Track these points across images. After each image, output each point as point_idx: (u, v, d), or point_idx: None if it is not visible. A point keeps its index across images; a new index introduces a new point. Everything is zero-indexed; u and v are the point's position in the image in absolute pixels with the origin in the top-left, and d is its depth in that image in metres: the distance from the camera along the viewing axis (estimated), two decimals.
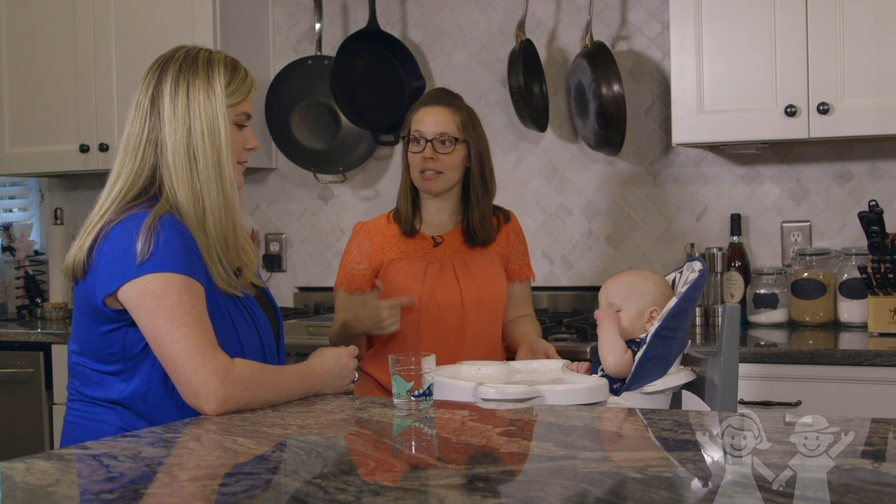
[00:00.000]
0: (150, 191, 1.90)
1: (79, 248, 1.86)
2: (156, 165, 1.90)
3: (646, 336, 2.03)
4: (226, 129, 1.90)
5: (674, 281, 2.18)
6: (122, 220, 1.83)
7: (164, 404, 1.83)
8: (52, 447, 3.42)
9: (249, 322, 1.93)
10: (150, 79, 1.93)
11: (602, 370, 2.12)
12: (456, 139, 2.55)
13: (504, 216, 2.71)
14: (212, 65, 1.93)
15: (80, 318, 1.89)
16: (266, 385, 1.82)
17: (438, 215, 2.64)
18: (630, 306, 2.11)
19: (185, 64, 1.92)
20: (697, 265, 2.08)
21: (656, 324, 2.02)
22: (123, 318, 1.82)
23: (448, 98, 2.62)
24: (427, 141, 2.54)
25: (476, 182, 2.59)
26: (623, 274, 2.23)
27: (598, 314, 2.15)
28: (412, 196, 2.62)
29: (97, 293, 1.82)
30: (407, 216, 2.61)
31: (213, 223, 1.88)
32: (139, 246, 1.78)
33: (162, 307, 1.76)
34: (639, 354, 2.01)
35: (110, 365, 1.85)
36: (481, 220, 2.60)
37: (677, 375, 2.06)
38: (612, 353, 2.07)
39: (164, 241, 1.79)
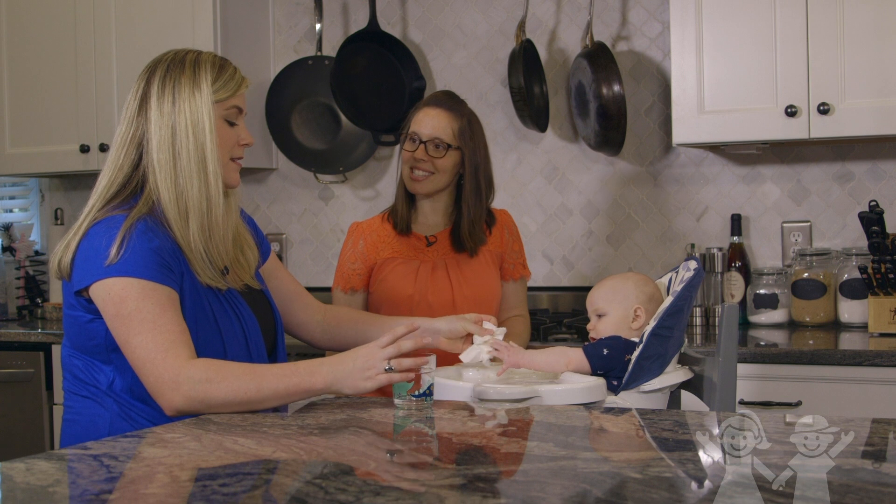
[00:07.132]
0: (128, 187, 1.92)
1: (65, 248, 1.90)
2: (138, 163, 1.93)
3: (643, 336, 2.03)
4: (211, 125, 1.91)
5: (670, 280, 2.19)
6: (99, 221, 1.87)
7: (149, 399, 1.85)
8: (52, 447, 3.42)
9: (231, 316, 1.93)
10: (140, 81, 1.96)
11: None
12: (449, 145, 2.55)
13: (491, 218, 2.68)
14: (199, 64, 1.95)
15: (67, 312, 1.93)
16: (228, 383, 1.78)
17: (433, 215, 2.65)
18: (614, 309, 2.12)
19: (173, 65, 1.94)
20: (693, 264, 2.09)
21: (653, 323, 2.02)
22: (98, 312, 1.87)
23: (450, 102, 2.61)
24: (421, 142, 2.55)
25: (468, 190, 2.58)
26: (604, 280, 2.22)
27: (502, 360, 2.08)
28: (408, 194, 2.63)
29: (72, 287, 1.88)
30: (403, 214, 2.62)
31: (195, 220, 1.89)
32: (111, 250, 1.82)
33: (120, 315, 1.81)
34: (636, 354, 2.01)
35: (95, 357, 1.89)
36: (470, 229, 2.59)
37: (674, 374, 2.07)
38: (555, 359, 2.06)
39: (131, 247, 1.82)
